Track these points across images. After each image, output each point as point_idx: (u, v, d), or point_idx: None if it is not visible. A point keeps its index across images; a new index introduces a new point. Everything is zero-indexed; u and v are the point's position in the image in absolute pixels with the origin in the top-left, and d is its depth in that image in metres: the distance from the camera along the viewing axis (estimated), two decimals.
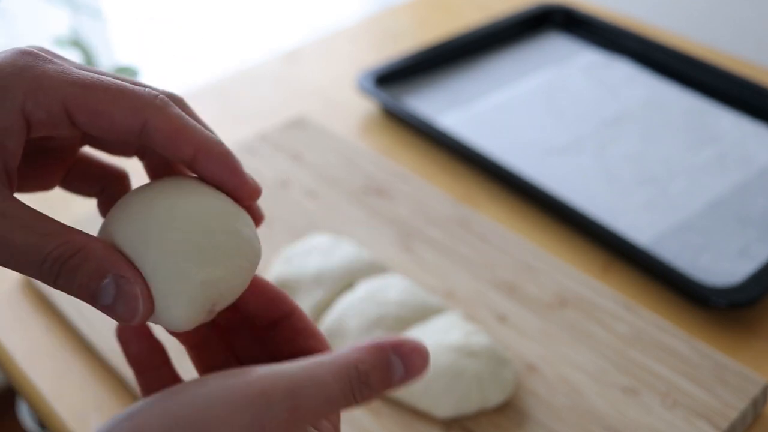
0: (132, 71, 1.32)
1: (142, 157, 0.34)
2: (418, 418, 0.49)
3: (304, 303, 0.54)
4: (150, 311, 0.28)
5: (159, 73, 1.54)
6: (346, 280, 0.55)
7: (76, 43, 1.28)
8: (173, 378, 0.32)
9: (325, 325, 0.52)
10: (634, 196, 0.67)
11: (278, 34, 1.61)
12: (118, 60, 1.48)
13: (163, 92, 0.31)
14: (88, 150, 0.35)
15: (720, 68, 0.80)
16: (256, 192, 0.31)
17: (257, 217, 0.33)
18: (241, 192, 0.30)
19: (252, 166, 0.70)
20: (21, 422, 1.26)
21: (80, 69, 0.29)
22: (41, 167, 0.32)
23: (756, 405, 0.50)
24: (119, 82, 0.28)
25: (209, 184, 0.30)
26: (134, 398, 0.52)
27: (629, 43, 0.86)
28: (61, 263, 0.27)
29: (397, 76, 0.82)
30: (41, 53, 0.28)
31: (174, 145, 0.29)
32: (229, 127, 0.78)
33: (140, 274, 0.27)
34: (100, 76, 0.28)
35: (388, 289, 0.53)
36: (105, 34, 1.45)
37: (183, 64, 1.57)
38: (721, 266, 0.60)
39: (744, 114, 0.77)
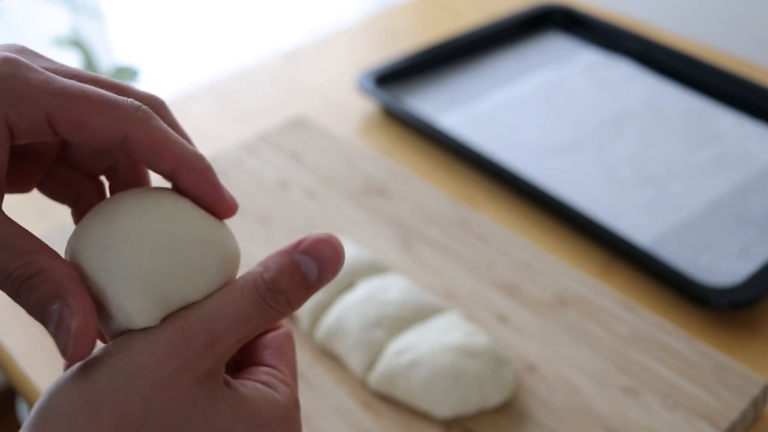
0: (132, 71, 1.32)
1: (110, 179, 0.34)
2: (418, 418, 0.49)
3: (304, 303, 0.54)
4: (83, 350, 0.27)
5: (159, 73, 1.54)
6: (346, 280, 0.54)
7: (76, 43, 1.28)
8: None
9: (325, 325, 0.52)
10: (634, 196, 0.67)
11: (278, 34, 1.61)
12: (118, 60, 1.48)
13: (146, 95, 0.31)
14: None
15: (720, 68, 0.80)
16: (233, 208, 0.31)
17: (228, 207, 0.32)
18: (218, 207, 0.31)
19: (252, 166, 0.70)
20: (21, 422, 1.26)
21: (64, 74, 0.29)
22: (19, 170, 0.32)
23: (756, 405, 0.50)
24: (102, 92, 0.28)
25: (188, 197, 0.31)
26: None
27: (629, 43, 0.86)
28: (21, 281, 0.27)
29: (397, 76, 0.82)
30: (23, 60, 0.28)
31: (155, 157, 0.29)
32: (229, 127, 0.78)
33: (91, 307, 0.27)
34: (83, 85, 0.28)
35: (388, 289, 0.53)
36: (105, 34, 1.45)
37: (183, 64, 1.57)
38: (721, 266, 0.60)
39: (744, 114, 0.77)
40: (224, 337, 0.28)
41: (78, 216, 0.35)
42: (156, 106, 0.31)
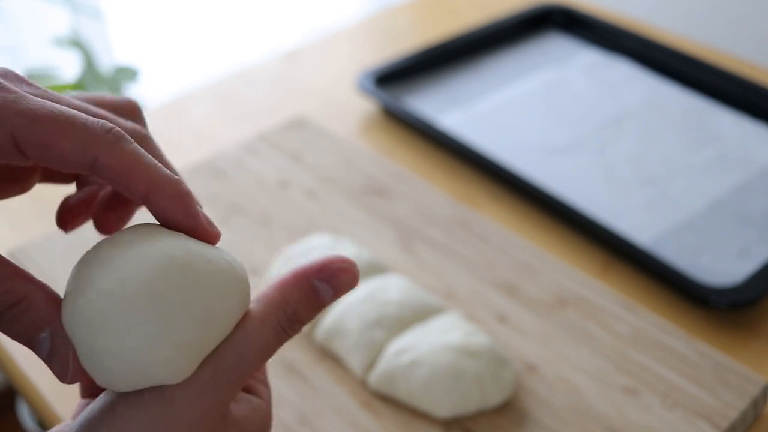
0: (132, 71, 1.32)
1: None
2: (418, 418, 0.49)
3: None
4: (82, 377, 0.28)
5: (159, 73, 1.54)
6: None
7: (76, 43, 1.28)
8: None
9: (325, 325, 0.52)
10: (634, 196, 0.67)
11: (278, 34, 1.61)
12: (118, 60, 1.48)
13: (131, 127, 0.30)
14: None
15: (720, 68, 0.80)
16: (213, 236, 0.30)
17: (211, 236, 0.31)
18: (196, 234, 0.29)
19: (252, 166, 0.70)
20: (21, 422, 1.26)
21: (38, 96, 0.28)
22: (15, 172, 0.32)
23: (756, 405, 0.50)
24: (73, 114, 0.27)
25: (162, 224, 0.29)
26: None
27: (629, 43, 0.86)
28: (1, 310, 0.27)
29: (397, 76, 0.82)
30: None
31: (126, 182, 0.28)
32: (229, 127, 0.78)
33: None
34: (56, 106, 0.27)
35: (388, 289, 0.53)
36: (105, 34, 1.45)
37: (183, 64, 1.57)
38: (721, 266, 0.60)
39: (744, 114, 0.77)
40: (251, 369, 0.29)
41: (80, 185, 0.34)
42: (139, 138, 0.31)
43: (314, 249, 0.57)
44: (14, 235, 0.65)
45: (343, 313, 0.52)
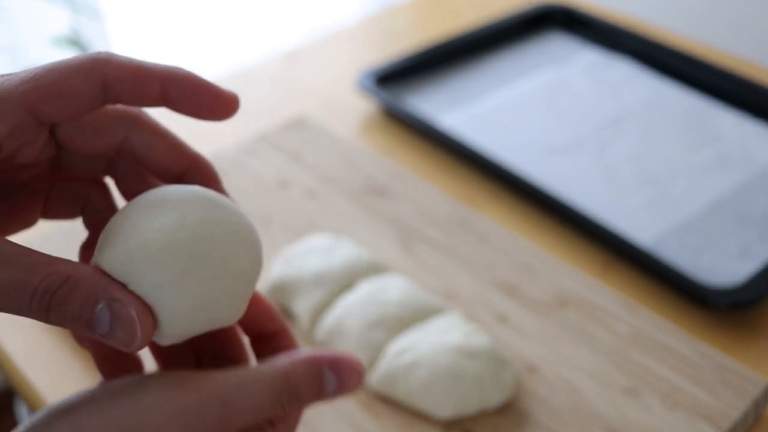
0: None
1: (113, 175, 0.33)
2: (418, 419, 0.49)
3: (304, 303, 0.54)
4: (150, 333, 0.26)
5: None
6: (346, 281, 0.54)
7: (76, 43, 1.28)
8: (134, 362, 0.32)
9: (325, 326, 0.52)
10: (634, 196, 0.67)
11: (278, 34, 1.61)
12: None
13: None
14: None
15: (721, 68, 0.79)
16: (233, 103, 0.29)
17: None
18: (219, 105, 0.29)
19: (252, 166, 0.70)
20: (19, 423, 1.26)
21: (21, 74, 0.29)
22: (17, 204, 0.31)
23: (757, 406, 0.50)
24: (58, 62, 0.27)
25: (186, 108, 0.29)
26: None
27: (629, 42, 0.86)
28: (50, 296, 0.25)
29: (398, 76, 0.82)
30: None
31: (138, 85, 0.28)
32: (229, 127, 0.78)
33: (135, 295, 0.26)
34: (39, 68, 0.27)
35: (388, 290, 0.53)
36: (104, 34, 1.45)
37: (183, 64, 1.57)
38: (722, 266, 0.60)
39: (745, 114, 0.77)
40: (236, 419, 0.28)
41: (89, 221, 0.33)
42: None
43: (314, 249, 0.57)
44: (13, 236, 0.65)
45: (344, 313, 0.52)
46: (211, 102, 0.29)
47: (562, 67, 0.85)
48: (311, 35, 0.94)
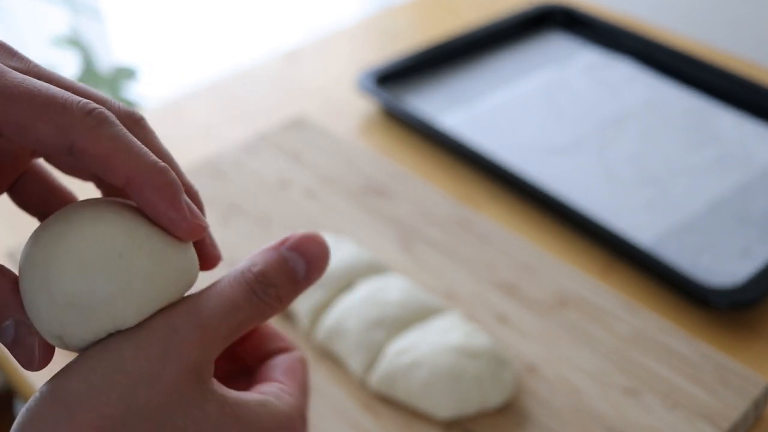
0: (130, 71, 1.32)
1: (97, 185, 0.32)
2: (418, 419, 0.49)
3: (304, 303, 0.54)
4: (47, 362, 0.27)
5: (159, 73, 1.54)
6: (345, 280, 0.54)
7: (76, 43, 1.28)
8: None
9: (325, 326, 0.52)
10: (634, 196, 0.67)
11: (278, 34, 1.61)
12: (117, 60, 1.48)
13: (124, 110, 0.28)
14: (44, 165, 0.33)
15: (721, 68, 0.79)
16: (195, 229, 0.28)
17: (210, 258, 0.31)
18: (177, 228, 0.27)
19: (252, 166, 0.70)
20: None
21: (24, 71, 0.27)
22: None
23: (757, 406, 0.50)
24: (54, 92, 0.25)
25: (144, 213, 0.28)
26: None
27: (630, 42, 0.86)
28: None
29: (398, 76, 0.82)
30: None
31: (104, 169, 0.26)
32: (229, 127, 0.78)
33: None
34: (37, 84, 0.25)
35: (388, 290, 0.53)
36: (104, 34, 1.45)
37: (183, 64, 1.57)
38: (722, 266, 0.60)
39: (745, 114, 0.77)
40: (213, 323, 0.27)
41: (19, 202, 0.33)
42: (133, 120, 0.29)
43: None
44: (13, 236, 0.65)
45: (343, 313, 0.52)
46: (167, 223, 0.27)
47: (562, 67, 0.85)
48: (311, 35, 0.94)
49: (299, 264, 0.29)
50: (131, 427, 0.25)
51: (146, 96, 1.42)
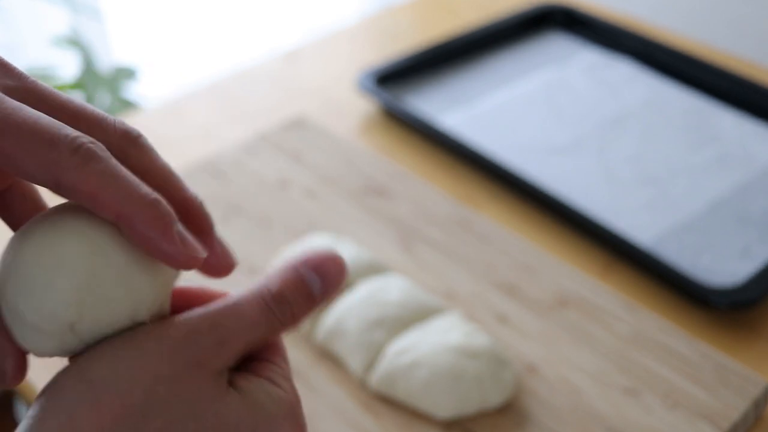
0: (130, 71, 1.32)
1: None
2: (418, 419, 0.49)
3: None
4: (20, 380, 0.28)
5: (158, 73, 1.54)
6: (345, 280, 0.54)
7: (76, 43, 1.28)
8: None
9: (325, 326, 0.52)
10: (634, 196, 0.67)
11: (278, 34, 1.61)
12: (117, 60, 1.48)
13: (121, 129, 0.28)
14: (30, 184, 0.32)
15: (721, 68, 0.79)
16: (189, 261, 0.27)
17: (223, 267, 0.31)
18: (171, 261, 0.27)
19: (252, 166, 0.70)
20: (18, 423, 1.26)
21: (19, 91, 0.27)
22: None
23: (757, 406, 0.50)
24: (42, 125, 0.25)
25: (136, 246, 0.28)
26: None
27: (630, 42, 0.86)
28: None
29: (398, 76, 0.82)
30: None
31: (93, 205, 0.26)
32: (229, 127, 0.78)
33: (14, 346, 0.28)
34: (27, 114, 0.25)
35: (388, 290, 0.53)
36: (104, 34, 1.45)
37: (183, 64, 1.57)
38: (722, 266, 0.60)
39: (745, 114, 0.77)
40: (232, 338, 0.28)
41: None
42: (129, 141, 0.28)
43: (314, 249, 0.57)
44: (11, 233, 0.65)
45: (344, 313, 0.52)
46: (161, 256, 0.27)
47: (562, 67, 0.85)
48: (311, 35, 0.94)
49: (316, 283, 0.30)
50: (151, 419, 0.26)
51: (146, 96, 1.42)
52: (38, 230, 0.27)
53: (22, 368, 0.28)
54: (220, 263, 0.31)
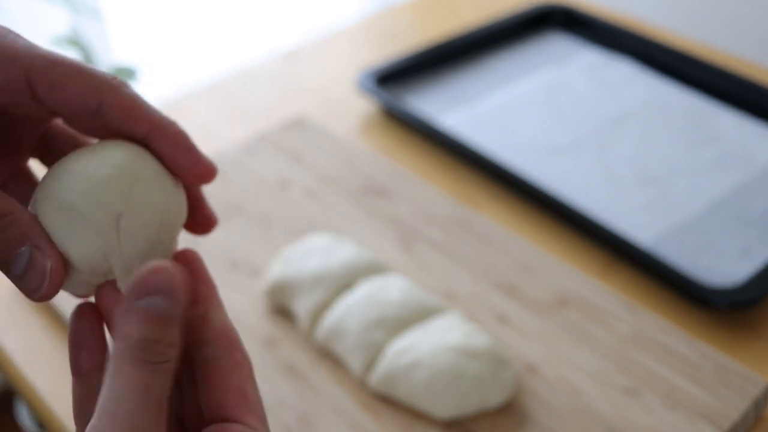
0: (131, 71, 1.32)
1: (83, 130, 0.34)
2: (418, 419, 0.49)
3: (304, 303, 0.54)
4: (57, 288, 0.28)
5: (158, 73, 1.54)
6: (346, 280, 0.54)
7: (76, 43, 1.28)
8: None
9: (325, 326, 0.52)
10: (634, 196, 0.67)
11: (278, 34, 1.61)
12: (117, 60, 1.48)
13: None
14: (62, 125, 0.35)
15: (721, 68, 0.79)
16: (210, 171, 0.32)
17: (208, 220, 0.33)
18: (194, 170, 0.31)
19: (252, 166, 0.70)
20: (20, 423, 1.26)
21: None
22: (8, 139, 0.33)
23: (757, 406, 0.50)
24: (82, 63, 0.30)
25: (163, 161, 0.31)
26: None
27: (629, 42, 0.86)
28: None
29: (398, 76, 0.82)
30: (11, 30, 0.29)
31: (129, 122, 0.30)
32: (229, 127, 0.78)
33: (56, 250, 0.28)
34: (65, 55, 0.29)
35: (388, 290, 0.53)
36: (104, 34, 1.45)
37: (183, 64, 1.57)
38: (722, 266, 0.60)
39: (745, 114, 0.77)
40: (143, 421, 0.26)
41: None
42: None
43: (314, 249, 0.57)
44: None
45: (344, 313, 0.52)
46: (185, 164, 0.31)
47: (562, 67, 0.85)
48: (311, 35, 0.94)
49: (158, 302, 0.27)
50: None
51: (146, 96, 1.42)
52: (85, 150, 0.30)
53: (60, 273, 0.28)
54: (207, 214, 0.33)
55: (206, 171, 0.31)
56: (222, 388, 0.30)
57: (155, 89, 1.50)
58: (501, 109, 0.79)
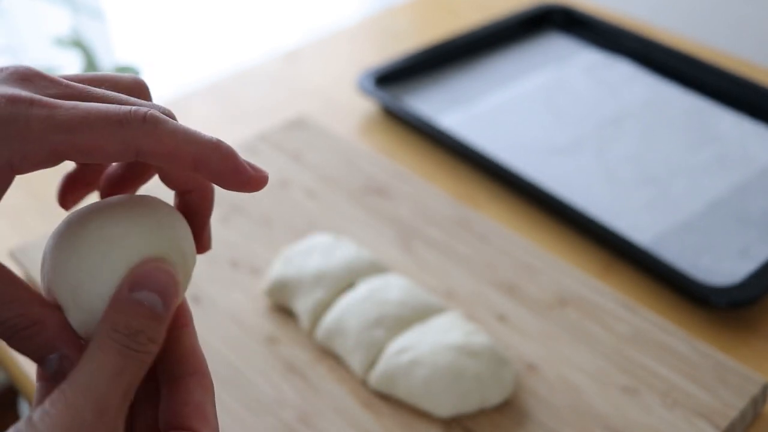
0: (132, 71, 1.32)
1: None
2: (418, 418, 0.49)
3: (305, 303, 0.54)
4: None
5: (159, 73, 1.54)
6: (346, 280, 0.55)
7: (77, 43, 1.28)
8: None
9: (325, 325, 0.52)
10: (634, 196, 0.67)
11: (278, 34, 1.61)
12: (118, 60, 1.48)
13: (158, 108, 0.30)
14: None
15: (720, 68, 0.80)
16: (261, 181, 0.31)
17: (206, 244, 0.34)
18: (246, 187, 0.30)
19: None
20: None
21: (69, 95, 0.29)
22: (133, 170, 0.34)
23: (756, 404, 0.50)
24: (104, 112, 0.28)
25: (217, 184, 0.31)
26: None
27: (629, 42, 0.86)
28: (14, 331, 0.28)
29: (397, 76, 0.82)
30: (26, 95, 0.27)
31: (172, 164, 0.29)
32: (229, 127, 0.78)
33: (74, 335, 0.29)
34: (87, 109, 0.28)
35: (388, 289, 0.53)
36: (106, 34, 1.45)
37: (183, 63, 1.57)
38: (722, 266, 0.60)
39: (744, 114, 0.78)
40: (107, 399, 0.27)
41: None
42: (169, 116, 0.31)
43: (314, 249, 0.57)
44: (14, 235, 0.65)
45: (344, 312, 0.52)
46: (238, 184, 0.30)
47: (562, 67, 0.85)
48: (311, 35, 0.94)
49: (152, 299, 0.29)
50: None
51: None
52: (88, 218, 0.30)
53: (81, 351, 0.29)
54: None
55: (257, 183, 0.30)
56: (182, 401, 0.31)
57: (156, 89, 1.50)
58: (501, 109, 0.79)
